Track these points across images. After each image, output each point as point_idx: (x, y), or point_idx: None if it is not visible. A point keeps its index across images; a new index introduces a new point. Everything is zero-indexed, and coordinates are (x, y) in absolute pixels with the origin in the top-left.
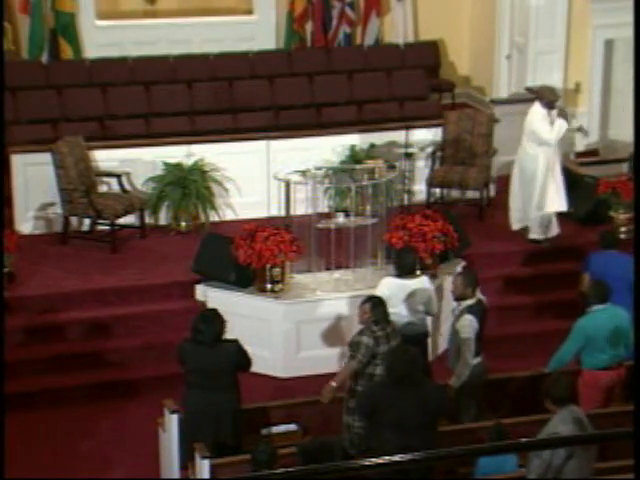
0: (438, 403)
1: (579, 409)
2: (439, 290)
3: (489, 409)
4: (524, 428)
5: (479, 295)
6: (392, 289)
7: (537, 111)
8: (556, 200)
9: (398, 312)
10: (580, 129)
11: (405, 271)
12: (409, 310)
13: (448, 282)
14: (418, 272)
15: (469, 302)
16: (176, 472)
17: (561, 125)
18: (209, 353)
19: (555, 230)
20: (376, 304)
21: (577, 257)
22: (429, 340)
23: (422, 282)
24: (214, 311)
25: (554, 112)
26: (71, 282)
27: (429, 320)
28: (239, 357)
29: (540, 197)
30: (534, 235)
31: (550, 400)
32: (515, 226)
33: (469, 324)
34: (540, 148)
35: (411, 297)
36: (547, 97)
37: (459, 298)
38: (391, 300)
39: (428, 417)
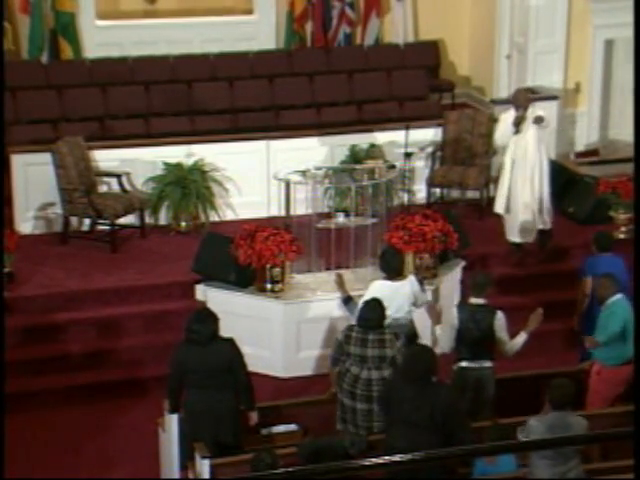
0: (444, 408)
1: (574, 416)
2: (436, 291)
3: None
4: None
5: (478, 300)
6: (383, 292)
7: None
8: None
9: (389, 314)
10: (538, 120)
11: (393, 273)
12: (398, 311)
13: (447, 282)
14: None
15: (471, 300)
16: (176, 472)
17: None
18: (206, 353)
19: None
20: (373, 308)
21: (577, 257)
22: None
23: (411, 283)
24: (207, 310)
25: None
26: (71, 282)
27: (419, 323)
28: (231, 354)
29: (501, 198)
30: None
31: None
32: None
33: (452, 315)
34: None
35: (401, 298)
36: (515, 100)
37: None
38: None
39: (434, 420)
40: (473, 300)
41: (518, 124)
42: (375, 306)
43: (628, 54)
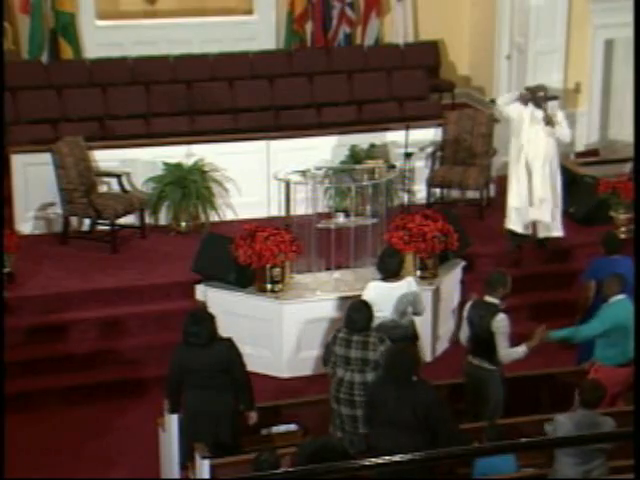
0: (426, 406)
1: (601, 416)
2: (437, 291)
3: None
4: (524, 428)
5: (490, 299)
6: (378, 293)
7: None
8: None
9: (385, 316)
10: (548, 120)
11: (389, 274)
12: (396, 313)
13: (447, 282)
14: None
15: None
16: (176, 472)
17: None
18: (205, 353)
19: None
20: (358, 309)
21: (577, 257)
22: (420, 342)
23: (408, 284)
24: (202, 311)
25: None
26: (71, 282)
27: (419, 322)
28: (230, 355)
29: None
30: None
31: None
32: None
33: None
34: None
35: (398, 300)
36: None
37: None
38: (378, 304)
39: (418, 418)
40: (486, 298)
41: (527, 102)
42: (360, 307)
43: (628, 54)
